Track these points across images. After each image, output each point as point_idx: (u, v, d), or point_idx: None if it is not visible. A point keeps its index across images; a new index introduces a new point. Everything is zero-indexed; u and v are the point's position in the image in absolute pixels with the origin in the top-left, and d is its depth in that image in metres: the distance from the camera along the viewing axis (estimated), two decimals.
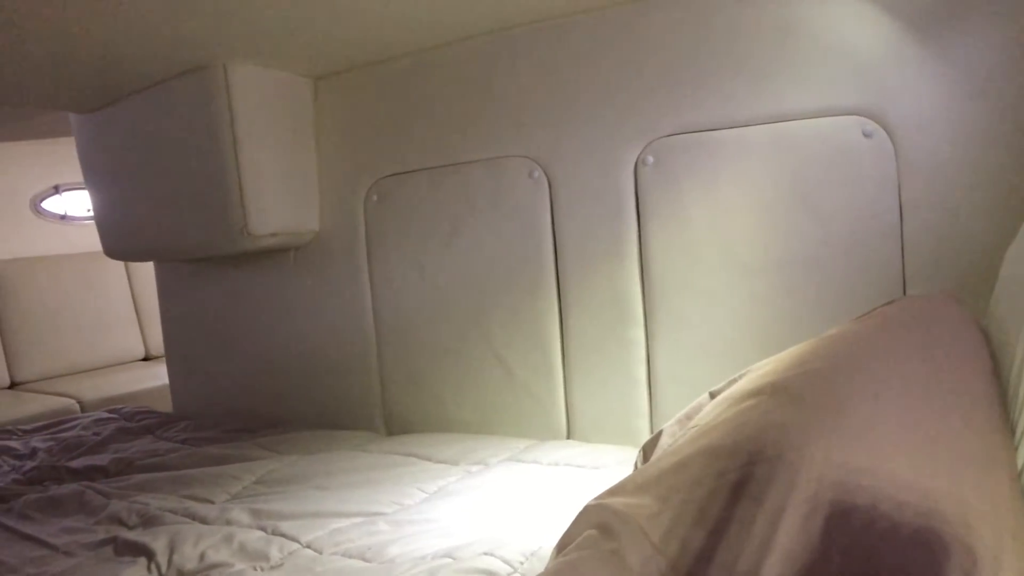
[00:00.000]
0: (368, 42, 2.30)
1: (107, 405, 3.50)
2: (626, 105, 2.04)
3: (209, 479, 2.12)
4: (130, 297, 5.32)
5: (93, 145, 2.86)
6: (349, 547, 1.59)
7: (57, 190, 5.37)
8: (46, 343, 4.87)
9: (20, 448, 2.76)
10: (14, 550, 1.86)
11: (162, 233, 2.66)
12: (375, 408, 2.55)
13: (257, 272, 2.78)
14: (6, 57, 2.16)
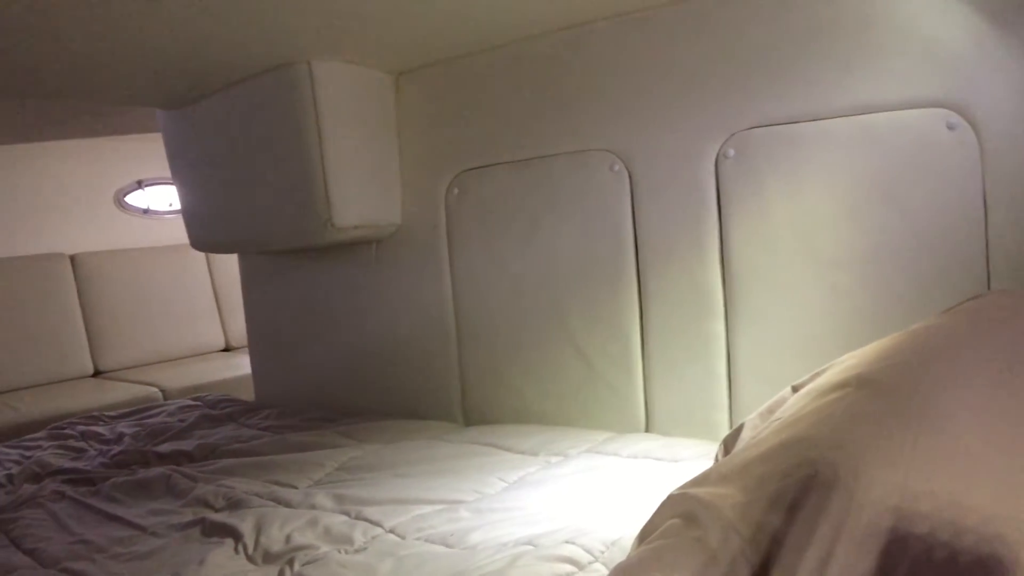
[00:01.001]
0: (449, 38, 2.32)
1: (189, 394, 3.57)
2: (707, 98, 2.03)
3: (292, 465, 2.17)
4: (211, 289, 5.43)
5: (180, 140, 2.93)
6: (431, 533, 1.61)
7: (140, 185, 5.48)
8: (129, 333, 4.99)
9: (107, 433, 2.83)
10: (102, 530, 1.92)
11: (248, 226, 2.72)
12: (454, 399, 2.57)
13: (339, 264, 2.82)
14: (98, 55, 2.22)
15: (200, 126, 2.79)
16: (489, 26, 2.23)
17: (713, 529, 0.96)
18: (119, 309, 5.00)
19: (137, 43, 2.15)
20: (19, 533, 1.97)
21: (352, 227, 2.48)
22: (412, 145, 2.61)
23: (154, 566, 1.64)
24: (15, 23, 1.90)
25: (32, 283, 4.74)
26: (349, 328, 2.83)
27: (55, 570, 1.71)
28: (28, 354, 4.58)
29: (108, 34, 2.04)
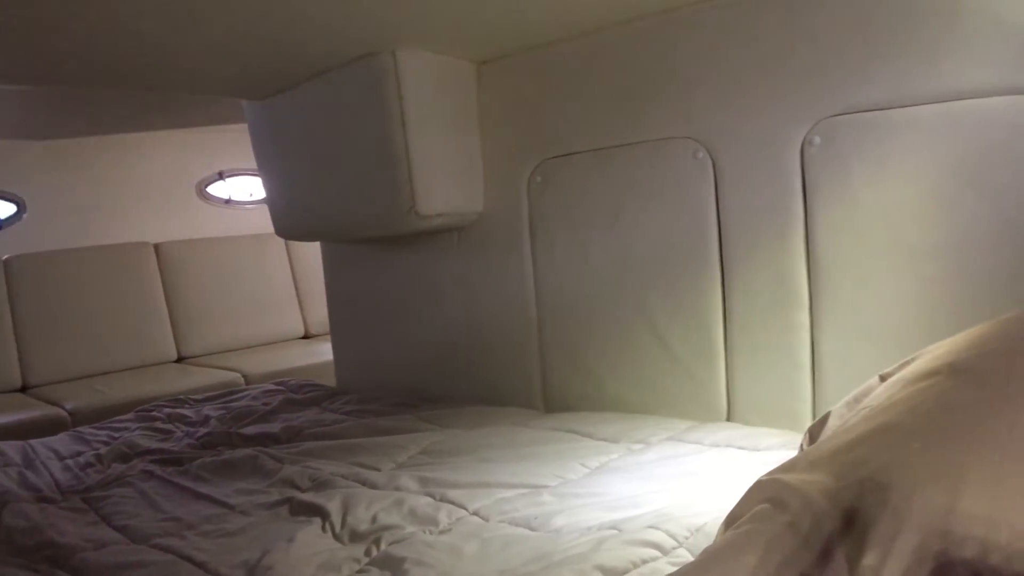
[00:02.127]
0: (531, 27, 2.33)
1: (270, 379, 3.62)
2: (792, 84, 2.00)
3: (376, 448, 2.19)
4: (291, 278, 5.51)
5: (265, 131, 2.98)
6: (515, 516, 1.62)
7: (221, 176, 5.59)
8: (210, 320, 5.10)
9: (192, 416, 2.90)
10: (191, 508, 1.97)
11: (332, 214, 2.76)
12: (535, 386, 2.58)
13: (421, 252, 2.85)
14: (186, 47, 2.27)
15: (285, 116, 2.84)
16: (571, 15, 2.23)
17: (803, 514, 0.96)
18: (201, 296, 5.11)
19: (225, 35, 2.20)
20: (109, 510, 2.03)
21: (436, 215, 2.51)
22: (494, 134, 2.62)
23: (243, 543, 1.68)
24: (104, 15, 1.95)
25: (119, 271, 4.87)
26: (430, 315, 2.86)
27: (146, 546, 1.75)
28: (115, 339, 4.71)
29: (197, 26, 2.08)
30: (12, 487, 2.26)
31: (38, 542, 1.83)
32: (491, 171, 2.63)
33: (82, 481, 2.31)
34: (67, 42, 2.15)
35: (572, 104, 2.42)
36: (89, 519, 1.99)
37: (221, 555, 1.62)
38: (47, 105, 3.23)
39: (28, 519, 1.98)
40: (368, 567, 1.49)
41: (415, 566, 1.41)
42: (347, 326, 3.29)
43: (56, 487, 2.29)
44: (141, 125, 4.26)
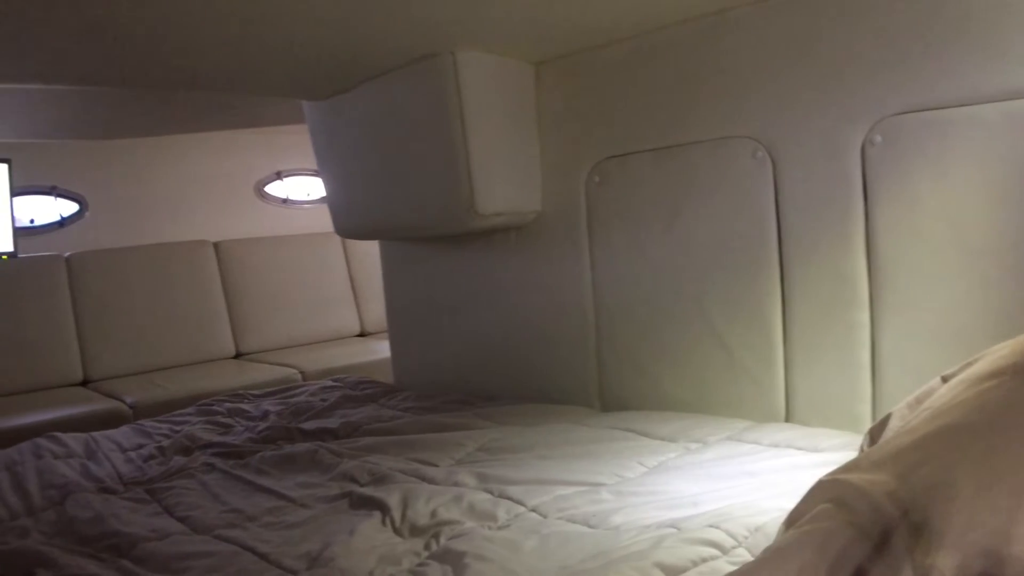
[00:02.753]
0: (589, 27, 2.33)
1: (327, 376, 3.66)
2: (853, 83, 1.98)
3: (434, 444, 2.21)
4: (347, 276, 5.56)
5: (325, 131, 3.02)
6: (573, 513, 1.63)
7: (279, 176, 5.66)
8: (268, 317, 5.16)
9: (252, 410, 2.94)
10: (252, 500, 2.00)
11: (392, 213, 2.78)
12: (591, 385, 2.58)
13: (478, 251, 2.86)
14: (248, 48, 2.30)
15: (345, 117, 2.87)
16: (629, 15, 2.23)
17: (866, 513, 0.95)
18: (259, 294, 5.17)
19: (289, 37, 2.22)
20: (172, 501, 2.06)
21: (494, 214, 2.52)
22: (552, 134, 2.63)
23: (304, 534, 1.70)
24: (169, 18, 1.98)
25: (179, 268, 4.95)
26: (487, 313, 2.87)
27: (208, 536, 1.78)
28: (174, 335, 4.79)
29: (258, 27, 2.11)
30: (75, 478, 2.31)
31: (101, 531, 1.86)
32: (549, 171, 2.63)
33: (144, 473, 2.35)
34: (132, 45, 2.19)
35: (630, 103, 2.42)
36: (152, 509, 2.03)
37: (283, 546, 1.65)
38: (109, 105, 3.29)
39: (92, 509, 2.02)
40: (428, 560, 1.51)
41: (475, 560, 1.42)
42: (404, 324, 3.31)
43: (118, 478, 2.33)
44: (201, 126, 4.31)
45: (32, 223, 4.75)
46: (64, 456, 2.50)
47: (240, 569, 1.57)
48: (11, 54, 2.21)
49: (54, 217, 4.86)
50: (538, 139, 2.65)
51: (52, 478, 2.30)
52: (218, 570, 1.57)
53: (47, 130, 3.85)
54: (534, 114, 2.64)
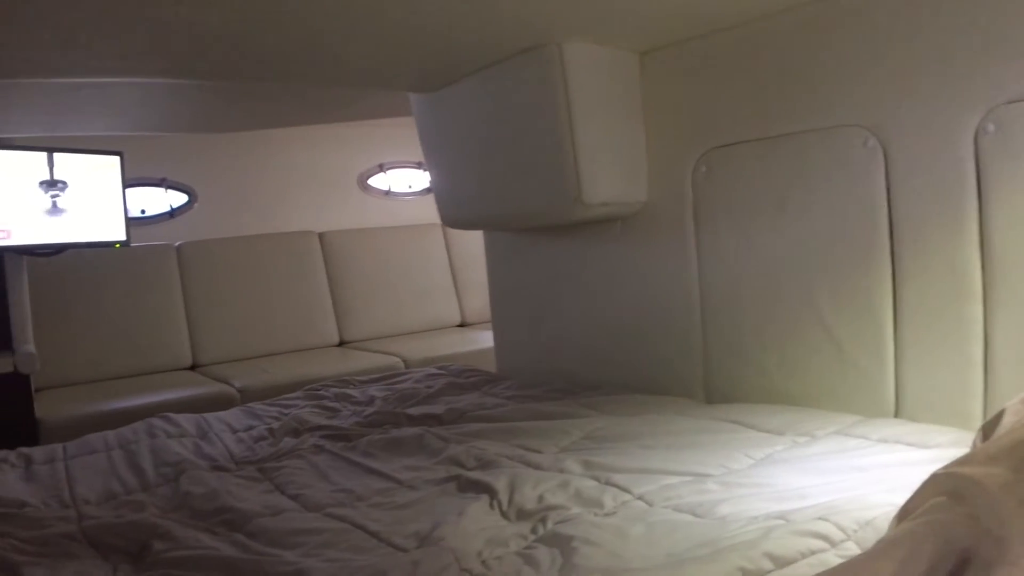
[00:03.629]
0: (695, 16, 2.32)
1: (429, 364, 3.69)
2: (965, 71, 1.92)
3: (539, 432, 2.22)
4: (448, 267, 5.61)
5: (432, 123, 3.06)
6: (679, 502, 1.62)
7: (382, 168, 5.74)
8: (371, 306, 5.25)
9: (358, 396, 2.99)
10: (361, 482, 2.04)
11: (498, 203, 2.81)
12: (695, 376, 2.56)
13: (583, 242, 2.86)
14: (357, 41, 2.34)
15: (451, 108, 2.90)
16: (736, 2, 2.21)
17: (982, 506, 0.94)
18: (363, 284, 5.26)
19: (397, 30, 2.26)
20: (283, 480, 2.12)
21: (600, 204, 2.52)
22: (658, 123, 2.62)
23: (414, 515, 1.73)
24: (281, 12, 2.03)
25: (285, 258, 5.08)
26: (591, 304, 2.87)
27: (320, 514, 1.83)
28: (280, 323, 4.91)
29: (367, 20, 2.15)
30: (189, 456, 2.38)
31: (216, 507, 1.92)
32: (655, 160, 2.62)
33: (255, 453, 2.41)
34: (241, 39, 2.25)
35: (737, 92, 2.40)
36: (264, 487, 2.09)
37: (393, 525, 1.68)
38: (217, 99, 3.36)
39: (206, 485, 2.09)
40: (535, 544, 1.52)
41: (583, 544, 1.42)
42: (508, 313, 3.34)
43: (230, 457, 2.39)
44: (307, 119, 4.38)
45: (143, 213, 4.91)
46: (177, 435, 2.58)
47: (352, 545, 1.60)
48: (109, 49, 2.28)
49: (164, 208, 5.03)
50: (644, 129, 2.64)
51: (166, 456, 2.38)
52: (331, 546, 1.61)
53: (158, 124, 3.95)
54: (639, 104, 2.64)
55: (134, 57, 2.38)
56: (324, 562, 1.50)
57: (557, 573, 1.35)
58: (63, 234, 3.78)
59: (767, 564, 1.29)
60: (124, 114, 3.48)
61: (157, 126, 4.05)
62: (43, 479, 2.30)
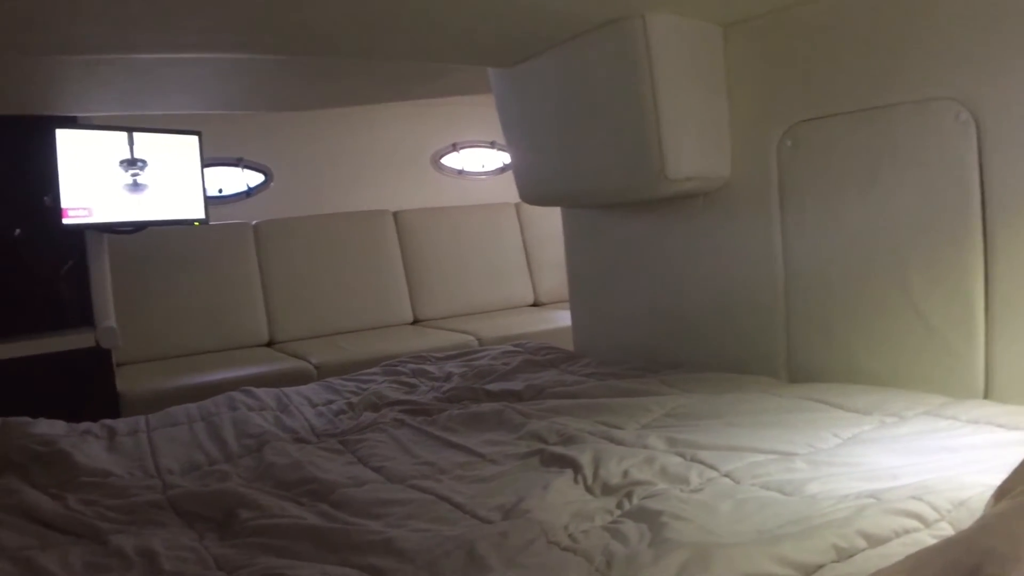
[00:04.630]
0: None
1: (503, 343, 3.69)
2: None
3: (620, 408, 2.21)
4: (522, 247, 5.61)
5: (511, 98, 3.04)
6: (767, 480, 1.60)
7: (455, 147, 5.74)
8: (445, 285, 5.27)
9: (435, 372, 3.00)
10: (443, 455, 2.05)
11: (578, 179, 2.79)
12: (778, 355, 2.52)
13: (663, 218, 2.83)
14: (441, 15, 2.33)
15: (531, 83, 2.89)
16: None
17: None
18: (437, 263, 5.28)
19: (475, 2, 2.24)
20: (365, 452, 2.13)
21: (684, 179, 2.48)
22: (742, 97, 2.57)
23: (498, 488, 1.73)
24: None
25: (360, 237, 5.11)
26: (671, 281, 2.84)
27: (403, 485, 1.84)
28: (355, 301, 4.95)
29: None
30: (270, 428, 2.41)
31: (300, 477, 1.94)
32: (739, 135, 2.58)
33: (336, 426, 2.43)
34: (323, 12, 2.25)
35: (824, 65, 2.34)
36: (346, 459, 2.11)
37: (477, 498, 1.68)
38: (294, 77, 3.38)
39: (289, 456, 2.11)
40: (622, 519, 1.51)
41: (673, 519, 1.41)
42: (586, 291, 3.32)
43: (311, 430, 2.42)
44: (382, 96, 4.39)
45: (220, 193, 4.97)
46: (258, 408, 2.62)
47: (437, 517, 1.61)
48: (190, 24, 2.30)
49: (241, 187, 5.09)
50: (727, 103, 2.59)
51: (247, 428, 2.41)
52: (416, 516, 1.61)
53: (236, 102, 3.99)
54: (723, 77, 2.59)
55: (214, 32, 2.40)
56: (411, 532, 1.51)
57: (647, 547, 1.33)
58: (143, 212, 3.83)
59: (860, 542, 1.27)
60: (202, 92, 3.51)
61: (234, 104, 4.09)
62: (127, 450, 2.34)
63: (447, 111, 5.54)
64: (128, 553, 1.57)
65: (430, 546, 1.41)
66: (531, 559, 1.34)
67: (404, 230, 5.27)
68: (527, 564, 1.32)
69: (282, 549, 1.54)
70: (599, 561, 1.31)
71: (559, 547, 1.39)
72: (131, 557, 1.55)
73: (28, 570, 1.53)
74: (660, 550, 1.29)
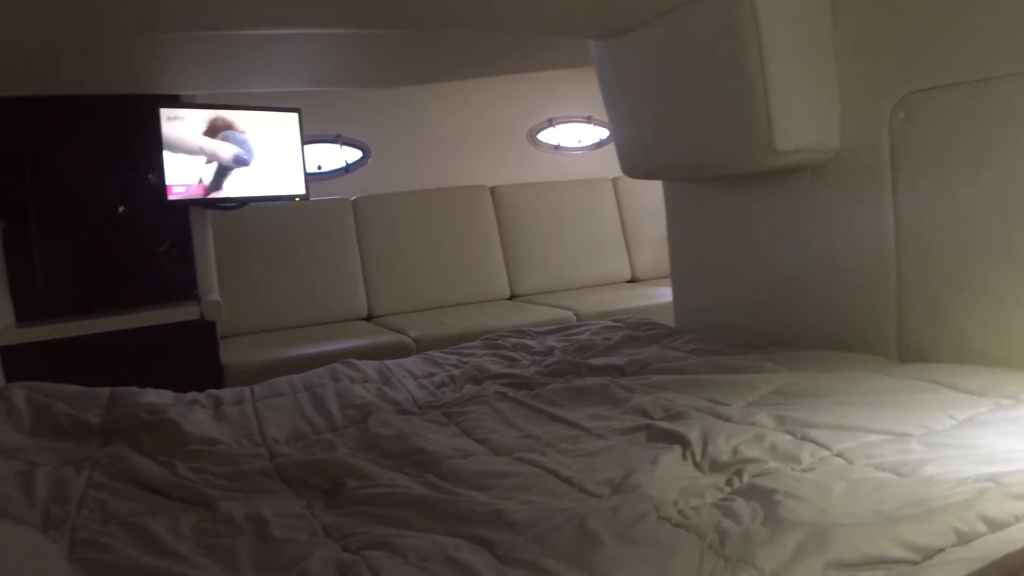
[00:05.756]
0: None
1: (601, 318, 3.66)
2: None
3: (726, 385, 2.18)
4: (619, 223, 5.57)
5: (613, 70, 3.01)
6: (881, 461, 1.56)
7: (551, 122, 5.73)
8: (542, 261, 5.27)
9: (536, 346, 3.00)
10: (547, 428, 2.04)
11: (682, 152, 2.75)
12: (888, 334, 2.44)
13: (769, 192, 2.76)
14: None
15: (634, 55, 2.85)
16: None
17: None
18: (534, 238, 5.29)
19: None
20: (469, 425, 2.14)
21: (792, 151, 2.41)
22: (851, 66, 2.48)
23: (605, 462, 1.72)
24: None
25: (457, 212, 5.15)
26: (776, 257, 2.77)
27: (509, 458, 1.84)
28: (453, 276, 4.99)
29: None
30: (373, 399, 2.44)
31: (406, 448, 1.96)
32: (848, 106, 2.49)
33: (438, 398, 2.45)
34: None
35: (939, 33, 2.24)
36: (451, 431, 2.12)
37: (584, 472, 1.68)
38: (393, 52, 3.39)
39: (394, 428, 2.13)
40: (732, 496, 1.49)
41: (786, 498, 1.38)
42: (688, 266, 3.27)
43: (414, 402, 2.44)
44: (479, 71, 4.39)
45: (320, 169, 5.04)
46: (360, 380, 2.65)
47: (545, 490, 1.60)
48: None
49: (339, 164, 5.15)
50: (836, 72, 2.51)
51: (351, 399, 2.45)
52: (524, 489, 1.61)
53: (334, 79, 4.03)
54: (831, 46, 2.50)
55: (322, 6, 2.41)
56: (520, 504, 1.51)
57: (761, 526, 1.31)
58: (245, 188, 3.91)
59: (981, 527, 1.24)
60: (301, 70, 3.55)
61: (332, 81, 4.13)
62: (233, 419, 2.39)
63: (543, 86, 5.52)
64: (238, 519, 1.60)
65: (539, 518, 1.41)
66: (643, 534, 1.33)
67: (501, 205, 5.28)
68: (639, 539, 1.31)
69: (390, 518, 1.55)
70: (712, 538, 1.30)
71: (670, 523, 1.37)
72: (241, 523, 1.58)
73: (139, 535, 1.56)
74: (775, 529, 1.27)
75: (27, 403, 2.32)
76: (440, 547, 1.36)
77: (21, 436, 2.16)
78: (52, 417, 2.28)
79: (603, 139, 5.89)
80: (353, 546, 1.44)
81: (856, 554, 1.18)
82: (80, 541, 1.54)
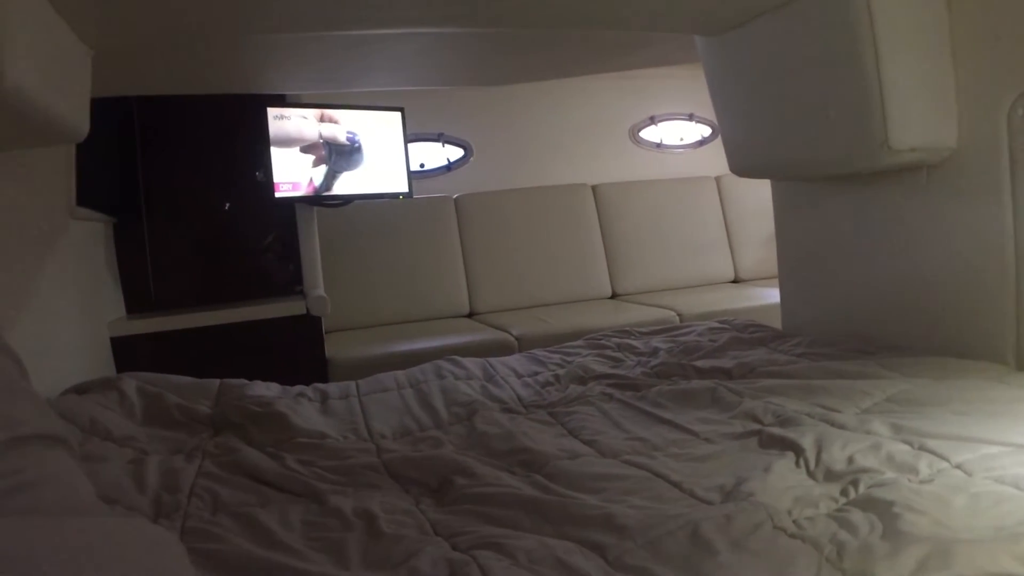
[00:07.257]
0: None
1: (705, 319, 3.62)
2: None
3: (837, 391, 2.12)
4: (722, 222, 5.51)
5: (720, 67, 2.97)
6: (1002, 474, 1.49)
7: (653, 120, 5.70)
8: (644, 260, 5.24)
9: (640, 346, 2.98)
10: (655, 431, 2.02)
11: (791, 151, 2.69)
12: (1007, 340, 2.34)
13: (881, 192, 2.68)
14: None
15: (741, 51, 2.80)
16: None
17: None
18: (635, 237, 5.26)
19: None
20: (575, 425, 2.13)
21: (908, 149, 2.34)
22: (968, 61, 2.38)
23: (715, 468, 1.70)
24: None
25: (558, 211, 5.16)
26: (889, 259, 2.69)
27: (617, 460, 1.83)
28: (554, 274, 5.01)
29: None
30: (478, 397, 2.44)
31: (512, 447, 1.96)
32: (965, 102, 2.40)
33: (543, 398, 2.44)
34: None
35: None
36: (557, 431, 2.11)
37: (694, 477, 1.65)
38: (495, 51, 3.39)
39: (500, 426, 2.13)
40: (847, 507, 1.45)
41: (906, 511, 1.34)
42: (797, 267, 3.20)
43: (519, 401, 2.44)
44: (582, 69, 4.37)
45: (422, 167, 5.10)
46: (464, 378, 2.66)
47: (656, 495, 1.58)
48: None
49: (441, 162, 5.22)
50: (953, 67, 2.42)
51: (456, 396, 2.46)
52: (633, 493, 1.60)
53: (436, 78, 4.06)
54: (947, 39, 2.41)
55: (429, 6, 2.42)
56: (630, 508, 1.49)
57: (879, 539, 1.27)
58: (350, 186, 3.97)
59: None
60: (403, 69, 3.58)
61: (434, 80, 4.16)
62: (340, 413, 2.42)
63: (645, 84, 5.51)
64: (347, 514, 1.61)
65: (652, 524, 1.39)
66: (758, 544, 1.30)
67: (603, 204, 5.27)
68: (755, 550, 1.28)
69: (498, 518, 1.55)
70: (829, 550, 1.27)
71: (786, 533, 1.34)
72: (350, 518, 1.59)
73: (249, 526, 1.59)
74: (896, 543, 1.24)
75: (138, 392, 2.38)
76: (550, 549, 1.35)
77: (132, 424, 2.21)
78: (163, 407, 2.34)
79: (705, 137, 5.83)
80: (462, 545, 1.44)
81: (978, 572, 1.14)
82: (191, 530, 1.57)
